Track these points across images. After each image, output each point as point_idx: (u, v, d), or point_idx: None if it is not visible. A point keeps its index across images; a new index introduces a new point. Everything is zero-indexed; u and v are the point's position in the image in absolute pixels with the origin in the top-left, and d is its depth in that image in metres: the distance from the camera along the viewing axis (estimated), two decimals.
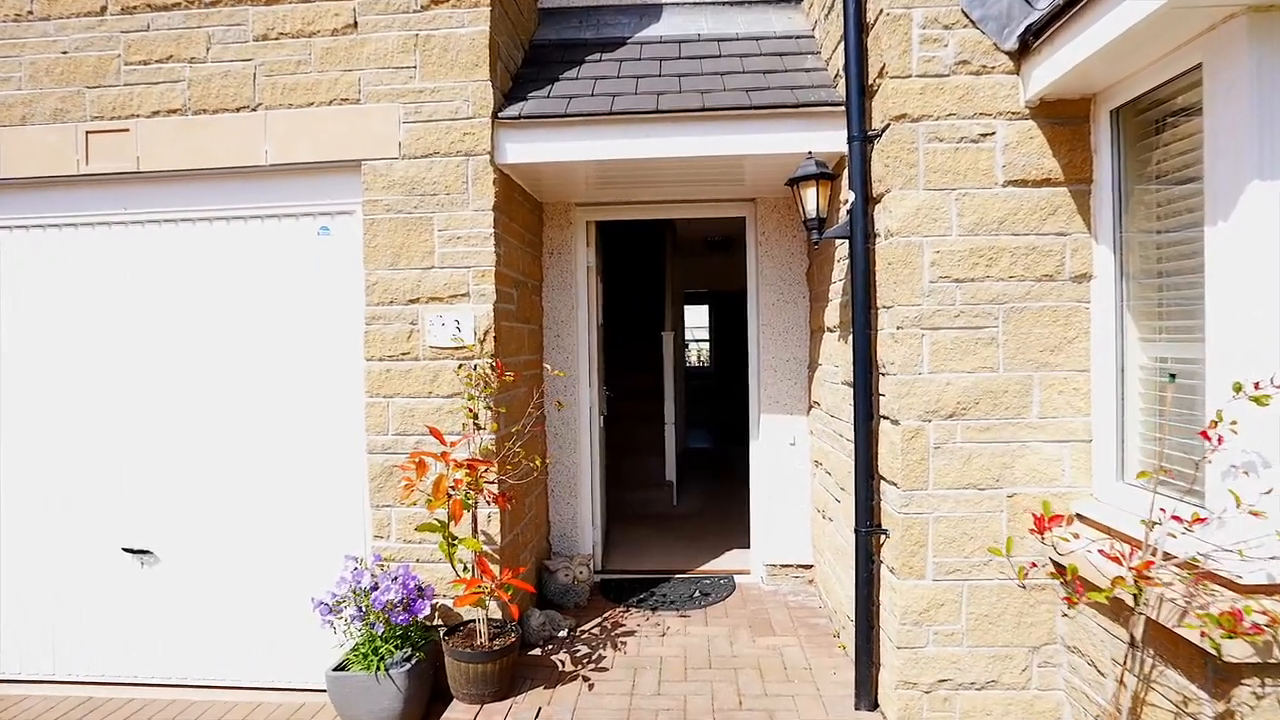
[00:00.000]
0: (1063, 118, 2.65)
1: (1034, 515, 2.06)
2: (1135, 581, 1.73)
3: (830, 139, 3.30)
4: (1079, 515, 2.63)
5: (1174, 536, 1.87)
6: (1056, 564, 2.61)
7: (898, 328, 2.71)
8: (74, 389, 3.62)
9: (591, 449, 4.68)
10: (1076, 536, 1.93)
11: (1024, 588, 2.46)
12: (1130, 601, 1.85)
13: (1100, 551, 1.89)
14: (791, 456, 4.46)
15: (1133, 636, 1.83)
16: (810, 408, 4.38)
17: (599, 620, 3.93)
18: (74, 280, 3.61)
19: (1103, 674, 2.41)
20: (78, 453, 3.63)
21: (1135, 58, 2.28)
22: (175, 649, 3.61)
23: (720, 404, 12.37)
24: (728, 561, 4.86)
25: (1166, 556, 1.84)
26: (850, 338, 3.21)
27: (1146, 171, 2.51)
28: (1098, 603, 1.86)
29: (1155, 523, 1.85)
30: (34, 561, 3.66)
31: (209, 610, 3.59)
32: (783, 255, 4.46)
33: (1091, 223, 2.66)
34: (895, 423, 2.73)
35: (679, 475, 6.80)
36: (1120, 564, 1.75)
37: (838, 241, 3.51)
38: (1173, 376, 2.05)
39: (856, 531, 2.90)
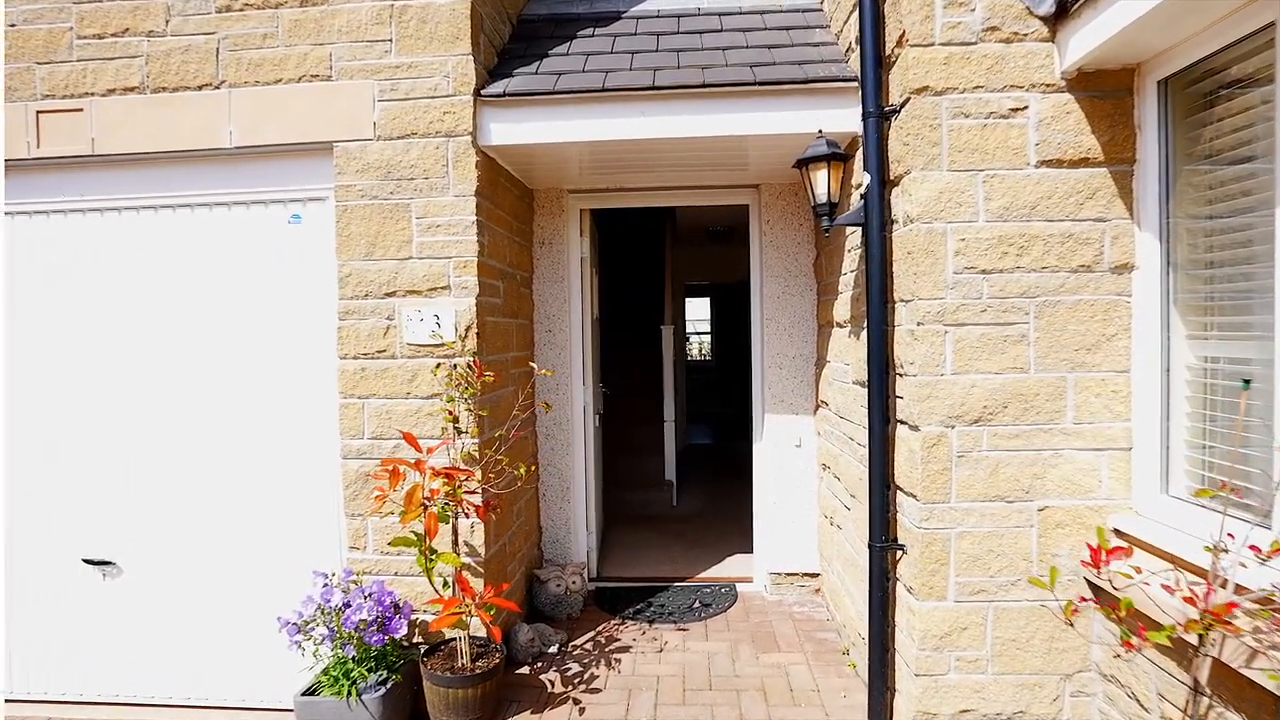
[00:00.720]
0: (1103, 90, 2.39)
1: (1090, 546, 1.81)
2: (1209, 625, 1.48)
3: (842, 117, 3.04)
4: (1117, 530, 2.38)
5: (1244, 566, 1.62)
6: (1093, 585, 2.38)
7: (918, 324, 2.46)
8: (24, 387, 3.37)
9: (586, 451, 4.44)
10: (1139, 570, 1.68)
11: (1072, 625, 2.20)
12: (1194, 641, 1.60)
13: (1164, 586, 1.64)
14: (797, 458, 4.21)
15: (1196, 681, 1.59)
16: (817, 407, 4.13)
17: (592, 634, 3.69)
18: (25, 272, 3.35)
19: (1146, 709, 2.16)
20: (29, 456, 3.38)
21: (1192, 20, 2.02)
22: (141, 666, 3.37)
23: (721, 398, 12.14)
24: (729, 568, 4.62)
25: (1239, 589, 1.59)
26: (863, 334, 2.96)
27: (1197, 150, 2.25)
28: (1157, 642, 1.61)
29: (1223, 549, 1.60)
30: None
31: (176, 624, 3.35)
32: (788, 245, 4.20)
33: (1134, 207, 2.40)
34: (915, 428, 2.48)
35: (679, 473, 6.56)
36: (1194, 605, 1.50)
37: (849, 230, 3.25)
38: (1247, 382, 1.79)
39: (871, 547, 2.65)
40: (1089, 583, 2.39)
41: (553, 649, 3.49)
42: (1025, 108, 2.42)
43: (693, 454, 8.85)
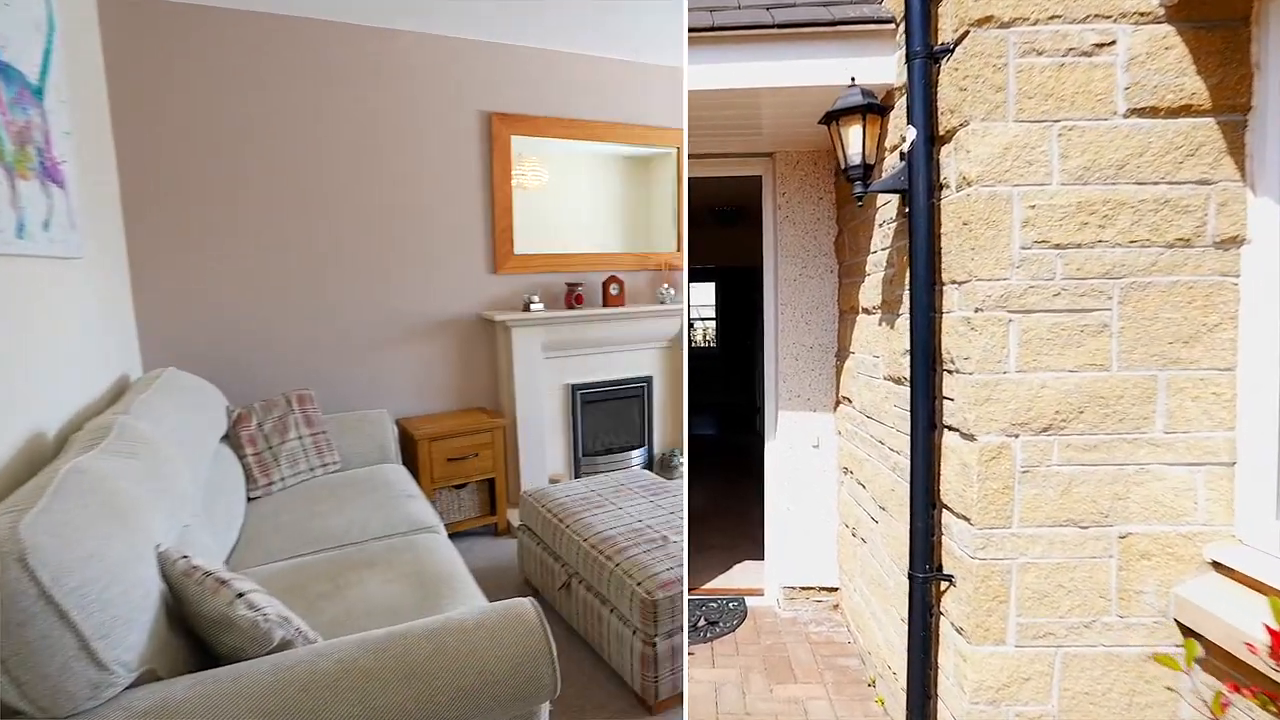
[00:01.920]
0: (1211, 20, 1.92)
1: (1269, 629, 1.37)
2: None
3: (875, 67, 2.58)
4: (1215, 564, 1.96)
5: None
6: (1184, 626, 1.96)
7: (975, 310, 2.01)
8: None
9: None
10: None
11: None
12: None
13: None
14: (813, 460, 3.78)
15: None
16: (838, 404, 3.69)
17: None
18: None
19: None
20: None
21: None
22: None
23: (726, 386, 11.70)
24: (737, 578, 4.21)
25: None
26: (897, 322, 2.52)
27: None
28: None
29: None
30: None
31: None
32: (806, 221, 3.74)
33: (1247, 167, 1.94)
34: (970, 438, 2.04)
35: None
36: None
37: (879, 202, 2.80)
38: None
39: (911, 577, 2.22)
40: (1181, 625, 1.97)
41: None
42: (1113, 42, 1.95)
43: (696, 446, 8.41)
